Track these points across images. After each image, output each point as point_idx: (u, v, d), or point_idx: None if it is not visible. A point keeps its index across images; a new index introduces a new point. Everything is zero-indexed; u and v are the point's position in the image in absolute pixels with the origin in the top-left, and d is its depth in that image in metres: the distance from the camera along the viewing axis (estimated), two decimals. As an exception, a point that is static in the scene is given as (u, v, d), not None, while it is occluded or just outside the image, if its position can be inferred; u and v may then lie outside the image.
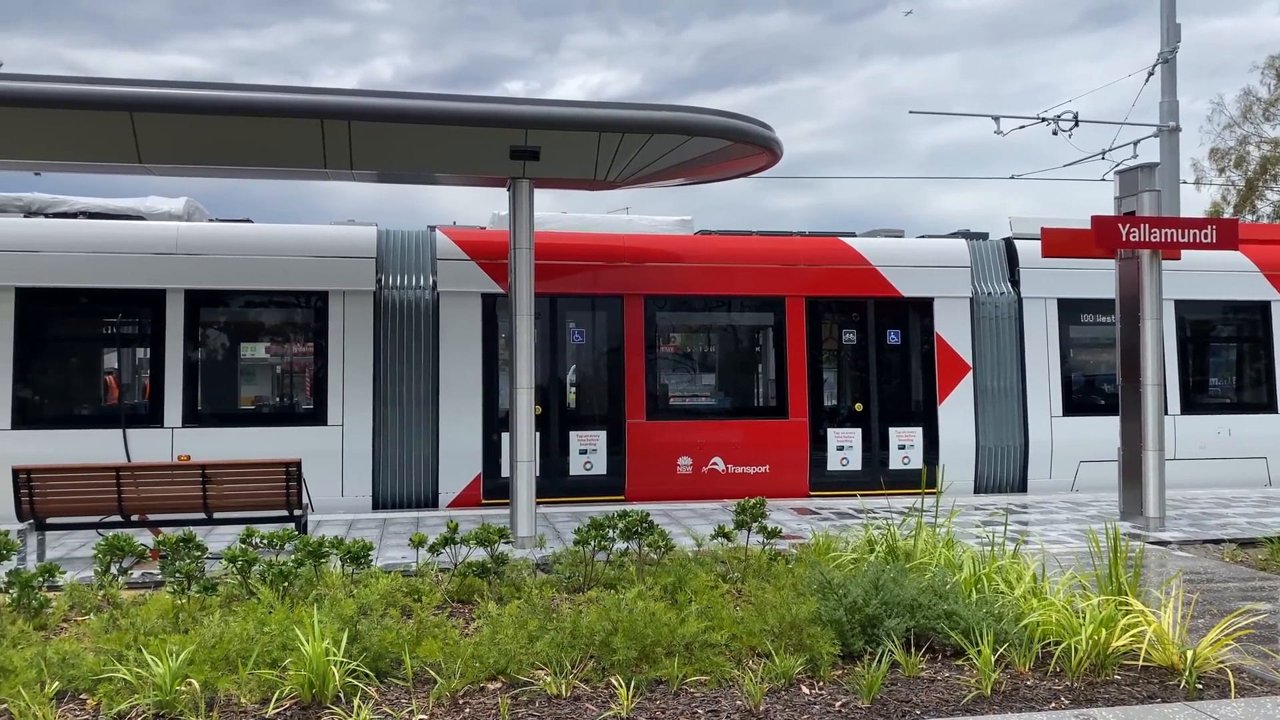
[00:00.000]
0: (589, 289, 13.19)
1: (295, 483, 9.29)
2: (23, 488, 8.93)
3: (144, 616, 6.26)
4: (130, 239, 12.20)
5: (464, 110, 9.56)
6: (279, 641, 5.75)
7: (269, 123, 9.44)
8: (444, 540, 7.68)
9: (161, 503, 9.24)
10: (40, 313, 12.03)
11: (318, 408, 12.55)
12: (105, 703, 5.30)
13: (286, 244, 12.57)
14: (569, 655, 5.87)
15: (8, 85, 9.00)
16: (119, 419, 12.06)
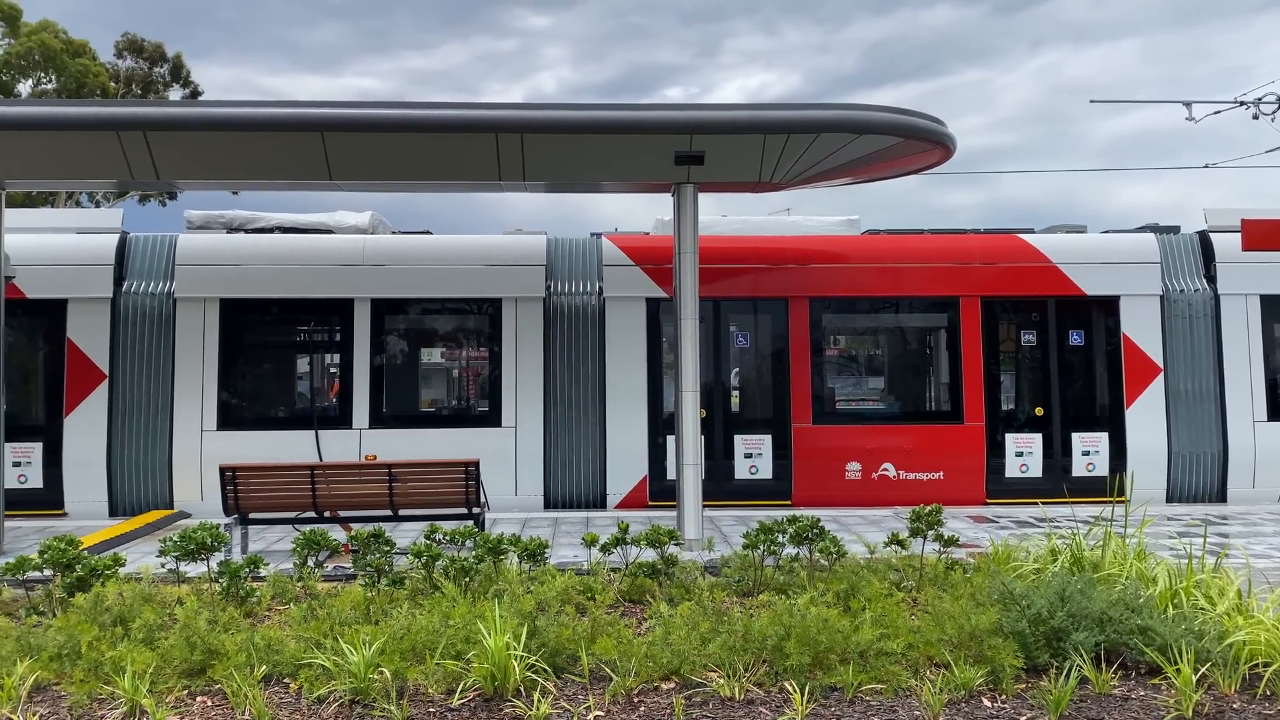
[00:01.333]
0: (753, 292, 13.15)
1: (474, 482, 9.65)
2: (229, 485, 9.63)
3: (338, 607, 6.63)
4: (321, 252, 12.97)
5: (631, 118, 9.73)
6: (462, 634, 5.99)
7: (447, 138, 9.86)
8: (615, 540, 7.82)
9: (352, 500, 9.77)
10: (241, 322, 12.94)
11: (492, 410, 13.00)
12: (306, 687, 5.66)
13: (463, 254, 13.09)
14: (741, 658, 5.88)
15: (213, 112, 9.77)
16: (312, 420, 12.83)
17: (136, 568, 7.67)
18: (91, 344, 12.60)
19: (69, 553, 7.11)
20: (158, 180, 10.31)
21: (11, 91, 36.99)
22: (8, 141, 9.72)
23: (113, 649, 5.93)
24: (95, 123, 9.68)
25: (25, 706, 5.53)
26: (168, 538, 7.43)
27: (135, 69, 41.36)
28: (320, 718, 5.39)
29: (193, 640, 5.97)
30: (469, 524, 8.75)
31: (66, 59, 37.15)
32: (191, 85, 42.80)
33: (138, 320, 12.76)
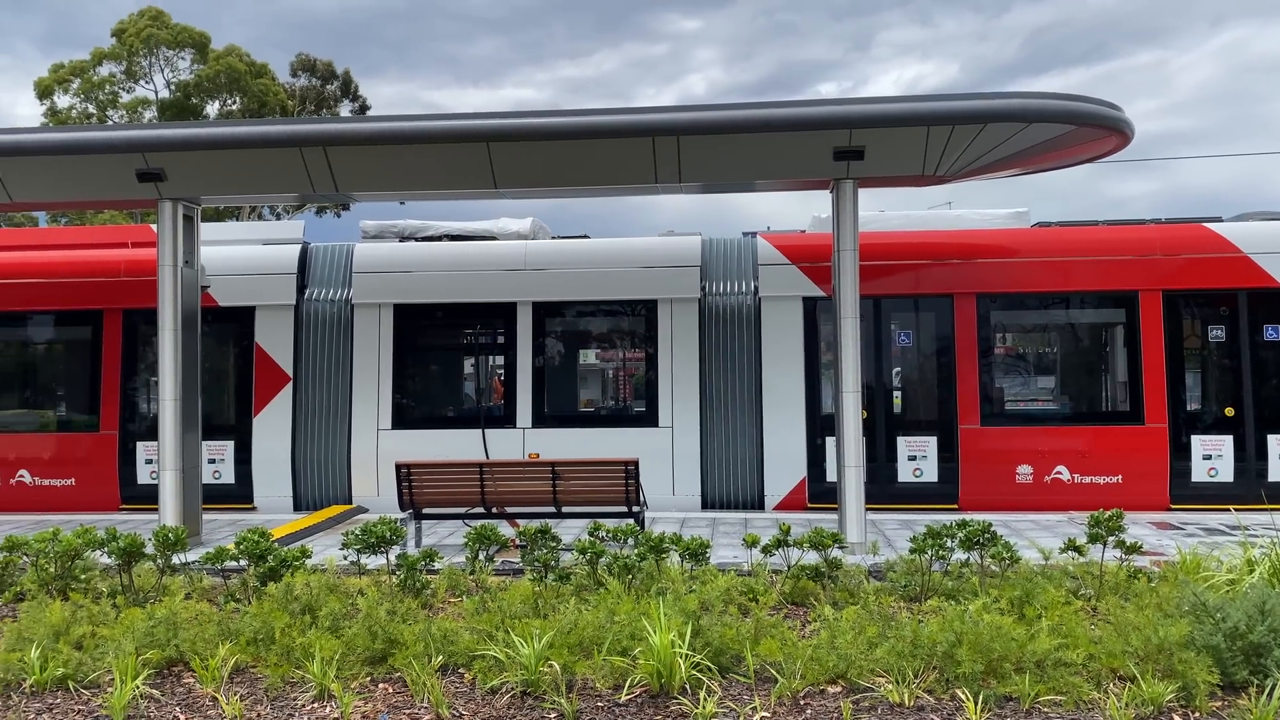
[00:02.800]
0: (915, 289, 12.81)
1: (634, 480, 9.77)
2: (404, 481, 10.07)
3: (508, 600, 6.84)
4: (486, 257, 13.41)
5: (788, 115, 9.64)
6: (628, 631, 6.08)
7: (606, 143, 10.03)
8: (776, 542, 7.77)
9: (518, 496, 10.06)
10: (413, 326, 13.52)
11: (649, 410, 13.12)
12: (480, 678, 5.87)
13: (619, 256, 13.27)
14: (910, 664, 5.74)
15: (387, 126, 10.23)
16: (478, 419, 13.28)
17: (321, 559, 8.12)
18: (277, 348, 13.42)
19: (261, 544, 7.59)
20: (336, 192, 10.87)
21: (201, 113, 39.83)
22: (203, 160, 10.47)
23: (302, 636, 6.30)
24: (280, 140, 10.31)
25: (227, 687, 5.94)
26: (349, 531, 7.84)
27: (309, 87, 43.82)
28: (494, 708, 5.57)
29: (374, 629, 6.28)
30: (629, 522, 8.88)
31: (249, 80, 39.71)
32: (360, 100, 45.05)
33: (319, 325, 13.51)
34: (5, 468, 13.44)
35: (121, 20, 39.36)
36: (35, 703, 5.80)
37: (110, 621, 6.69)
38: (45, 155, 10.45)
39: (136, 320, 13.49)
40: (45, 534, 7.87)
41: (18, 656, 6.09)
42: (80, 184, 10.93)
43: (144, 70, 39.67)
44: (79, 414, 13.68)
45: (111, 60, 39.17)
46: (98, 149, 10.40)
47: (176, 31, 39.30)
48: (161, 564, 7.79)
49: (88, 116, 38.83)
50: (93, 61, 39.10)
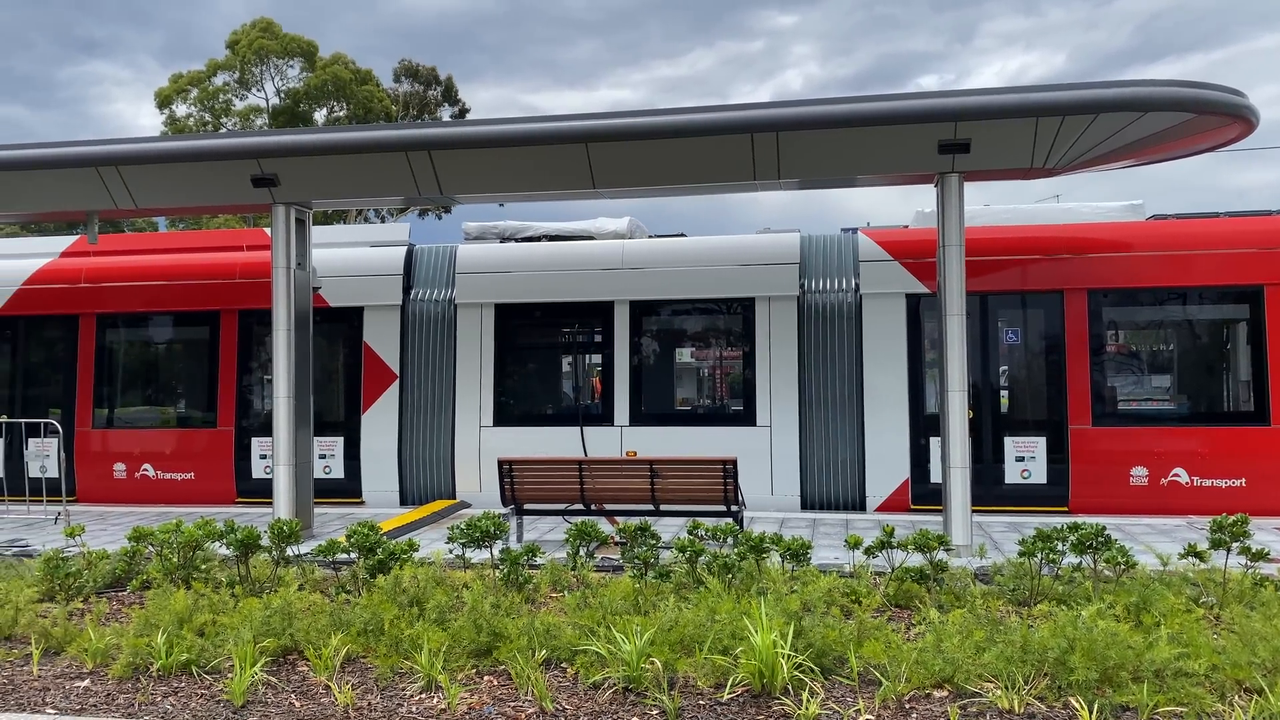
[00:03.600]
0: (1023, 285, 12.44)
1: (732, 480, 9.74)
2: (506, 477, 10.24)
3: (609, 597, 6.89)
4: (584, 257, 13.53)
5: (891, 109, 9.48)
6: (729, 630, 6.06)
7: (704, 141, 10.01)
8: (880, 543, 7.65)
9: (616, 494, 10.13)
10: (513, 325, 13.73)
11: (746, 409, 13.05)
12: (583, 673, 5.93)
13: (716, 254, 13.23)
14: (1020, 670, 5.59)
15: (489, 129, 10.43)
16: (577, 417, 13.41)
17: (428, 552, 8.31)
18: (384, 347, 13.79)
19: (371, 537, 7.81)
20: (440, 194, 11.11)
21: (309, 119, 41.17)
22: (314, 165, 10.81)
23: (410, 627, 6.46)
24: (387, 144, 10.58)
25: (339, 675, 6.13)
26: (455, 525, 8.00)
27: (412, 93, 44.89)
28: (596, 703, 5.62)
29: (479, 623, 6.40)
30: (728, 521, 8.85)
31: (354, 87, 40.90)
32: (460, 104, 45.97)
33: (423, 325, 13.83)
34: (130, 462, 14.12)
35: (235, 31, 40.96)
36: (162, 686, 6.08)
37: (229, 610, 6.96)
38: (168, 163, 10.94)
39: (251, 320, 14.02)
40: (168, 526, 8.24)
41: (145, 642, 6.39)
42: (199, 190, 11.40)
43: (255, 79, 41.22)
44: (197, 411, 14.29)
45: (225, 70, 40.79)
46: (216, 156, 10.85)
47: (286, 41, 40.71)
48: (276, 556, 8.07)
49: (204, 125, 40.52)
50: (208, 72, 40.78)
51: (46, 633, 6.81)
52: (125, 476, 14.09)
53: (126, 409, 14.53)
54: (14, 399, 14.64)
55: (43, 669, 6.43)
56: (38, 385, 14.71)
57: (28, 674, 6.35)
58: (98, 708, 5.77)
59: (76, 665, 6.47)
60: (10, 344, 14.74)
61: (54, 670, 6.42)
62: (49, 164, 11.05)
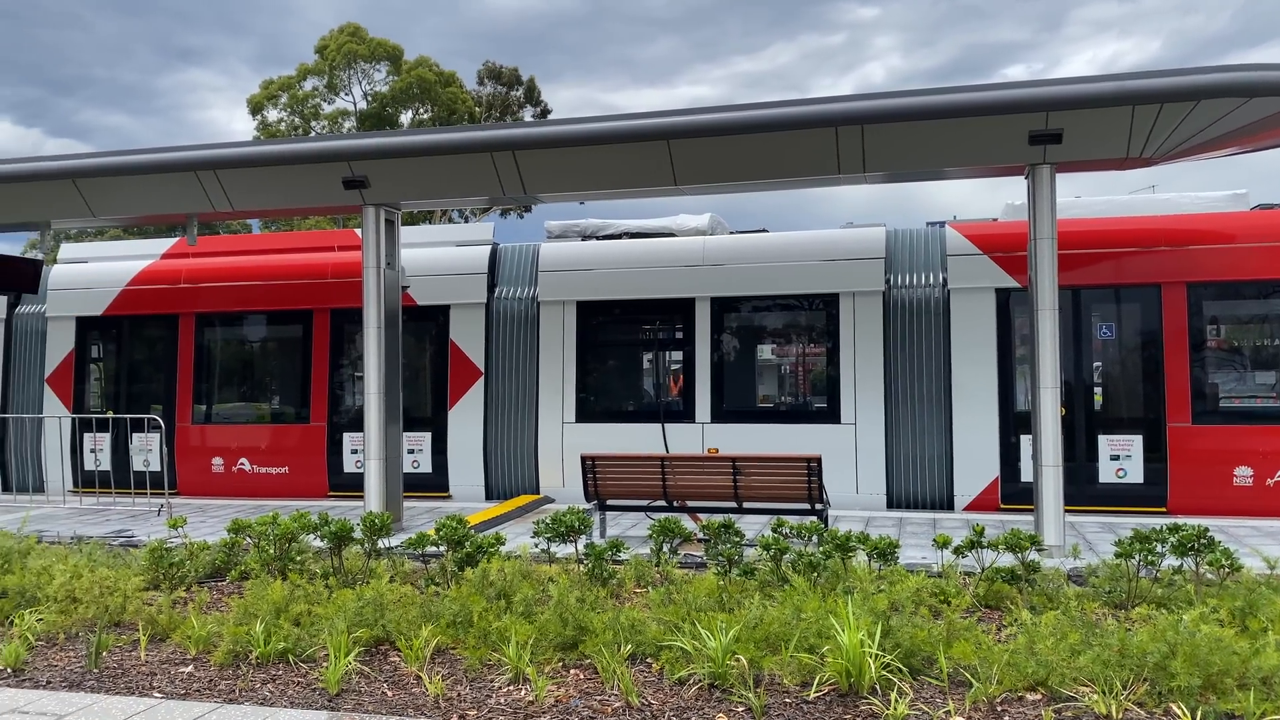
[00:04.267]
0: (1117, 279, 12.06)
1: (816, 478, 9.66)
2: (589, 473, 10.32)
3: (694, 593, 6.89)
4: (664, 254, 13.55)
5: (980, 100, 9.29)
6: (815, 629, 6.02)
7: (787, 135, 9.94)
8: (969, 543, 7.50)
9: (698, 491, 10.12)
10: (594, 322, 13.82)
11: (830, 406, 12.92)
12: (668, 668, 5.94)
13: (799, 250, 13.12)
14: (1118, 674, 5.43)
15: (572, 129, 10.50)
16: (658, 414, 13.44)
17: (514, 546, 8.42)
18: (470, 344, 14.01)
19: (459, 531, 7.95)
20: (523, 194, 11.24)
21: (395, 122, 42.02)
22: (403, 166, 11.04)
23: (498, 620, 6.56)
24: (473, 145, 10.75)
25: (429, 666, 6.26)
26: (540, 520, 8.09)
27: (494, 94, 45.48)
28: (681, 699, 5.63)
29: (565, 616, 6.46)
30: (812, 520, 8.77)
31: (439, 89, 41.61)
32: (541, 104, 46.41)
33: (507, 322, 14.01)
34: (227, 456, 14.61)
35: (323, 37, 42.03)
36: (260, 673, 6.28)
37: (323, 601, 7.16)
38: (263, 166, 11.29)
39: (342, 319, 14.38)
40: (265, 518, 8.50)
41: (244, 630, 6.61)
42: (292, 192, 11.73)
43: (343, 83, 42.22)
44: (291, 407, 14.71)
45: (315, 75, 41.87)
46: (308, 159, 11.15)
47: (373, 45, 41.61)
48: (368, 548, 8.27)
49: (294, 129, 41.67)
50: (298, 77, 41.91)
51: (153, 620, 7.09)
52: (223, 470, 14.58)
53: (224, 405, 15.03)
54: (119, 395, 15.27)
55: (149, 654, 6.70)
56: (141, 382, 15.32)
57: (135, 659, 6.62)
58: (201, 693, 5.99)
59: (180, 652, 6.73)
60: (115, 343, 15.38)
61: (160, 656, 6.68)
62: (151, 169, 11.49)
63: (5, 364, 15.77)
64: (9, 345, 15.79)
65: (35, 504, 13.55)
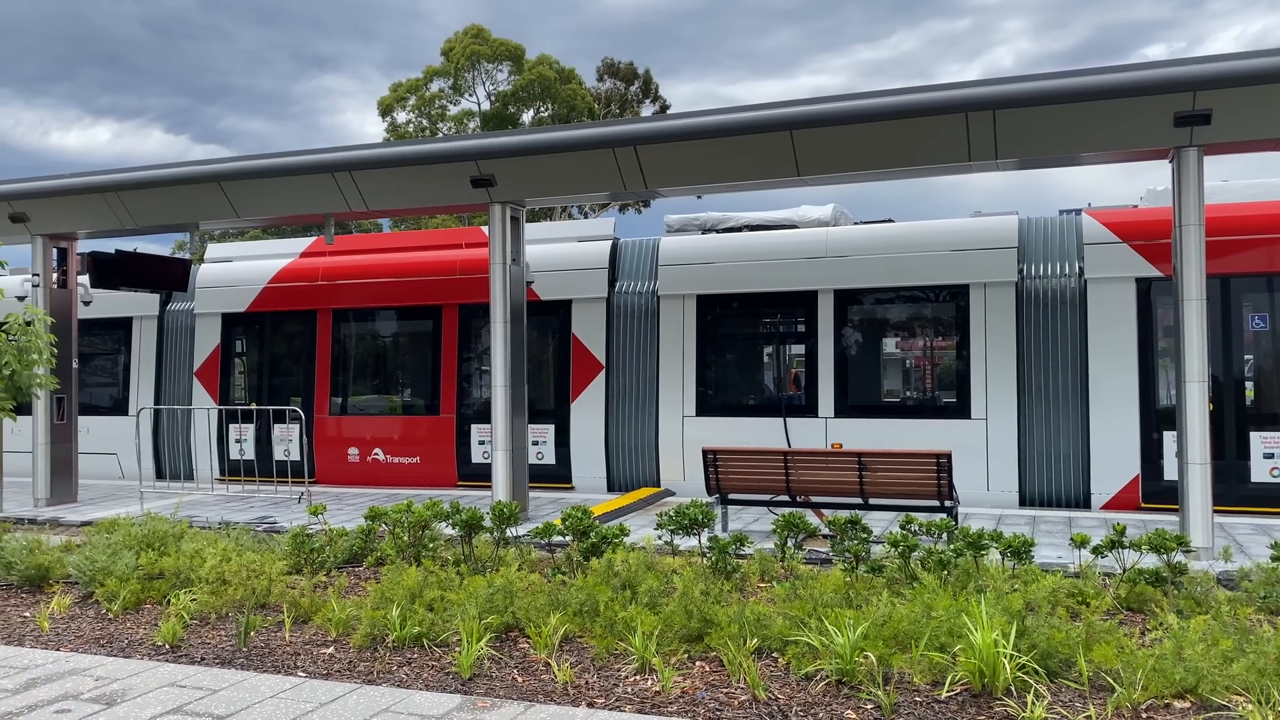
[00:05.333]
0: (1271, 266, 11.36)
1: (946, 474, 9.42)
2: (710, 466, 10.31)
3: (820, 589, 6.82)
4: (786, 246, 13.42)
5: (1121, 81, 8.90)
6: (946, 628, 5.88)
7: (915, 123, 9.72)
8: (1109, 543, 7.21)
9: (822, 486, 10.00)
10: (714, 316, 13.80)
11: (960, 401, 12.58)
12: (794, 663, 5.90)
13: (926, 240, 12.81)
14: (1275, 684, 5.13)
15: (694, 122, 10.50)
16: (779, 408, 13.34)
17: (638, 538, 8.50)
18: (591, 338, 14.18)
19: (584, 521, 8.06)
20: (645, 189, 11.30)
21: (517, 121, 42.81)
22: (528, 164, 11.24)
23: (623, 610, 6.62)
24: (596, 142, 10.87)
25: (558, 654, 6.37)
26: (663, 512, 8.14)
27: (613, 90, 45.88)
28: (809, 694, 5.58)
29: (690, 609, 6.48)
30: (942, 517, 8.56)
31: (558, 87, 42.19)
32: (659, 100, 46.57)
33: (628, 316, 14.13)
34: (362, 446, 15.17)
35: (449, 39, 43.13)
36: (397, 656, 6.50)
37: (455, 587, 7.36)
38: (396, 167, 11.67)
39: (470, 314, 14.75)
40: (400, 506, 8.80)
41: (381, 615, 6.86)
42: (423, 191, 12.07)
43: (468, 84, 43.23)
44: (422, 399, 15.17)
45: (440, 77, 43.01)
46: (439, 159, 11.48)
47: (496, 46, 42.48)
48: (497, 536, 8.47)
49: (421, 130, 42.90)
50: (425, 79, 43.13)
51: (296, 603, 7.42)
52: (358, 460, 15.15)
53: (358, 398, 15.61)
54: (261, 388, 16.02)
55: (293, 635, 7.01)
56: (281, 375, 16.04)
57: (281, 639, 6.94)
58: (342, 674, 6.24)
59: (321, 634, 7.02)
60: (258, 338, 16.14)
61: (303, 637, 6.99)
62: (291, 171, 12.01)
63: (158, 358, 16.74)
64: (161, 341, 16.75)
65: (186, 490, 14.35)
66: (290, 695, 5.82)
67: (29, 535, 9.53)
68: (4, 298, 10.49)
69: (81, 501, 13.86)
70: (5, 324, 10.38)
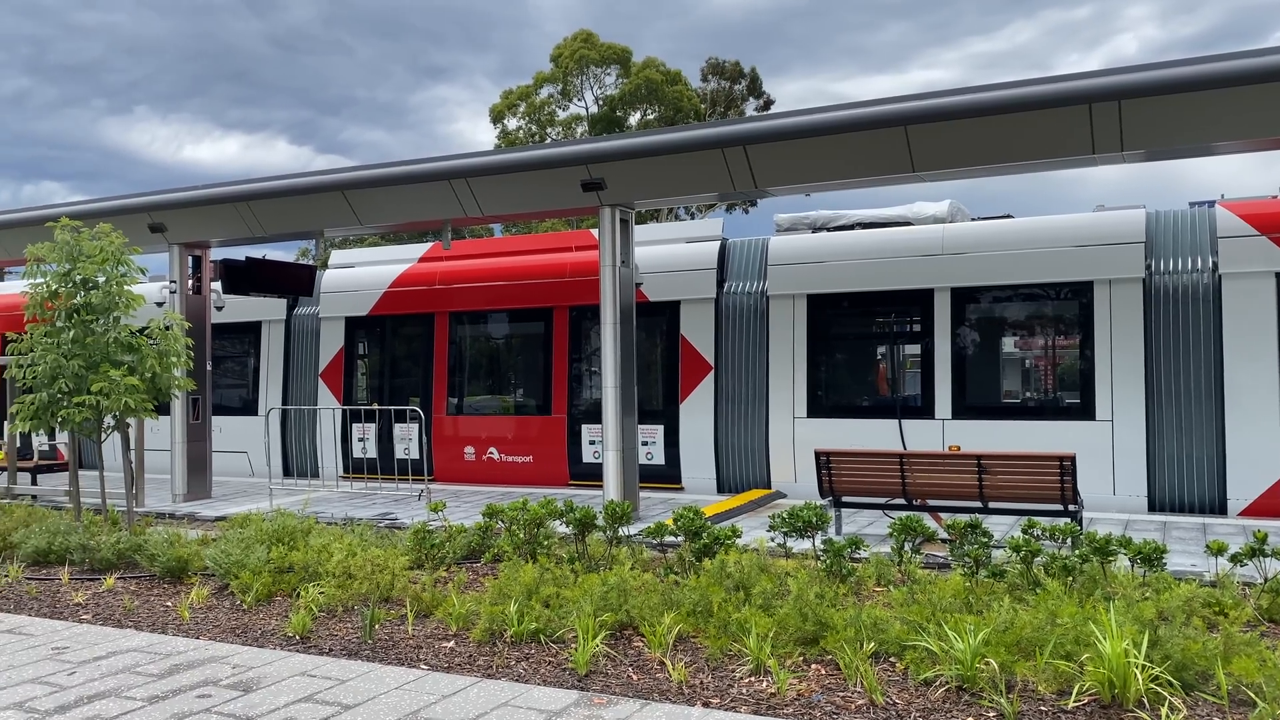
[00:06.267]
0: None
1: (1070, 477, 9.11)
2: (823, 468, 10.20)
3: (938, 594, 6.68)
4: (900, 244, 13.17)
5: (1260, 66, 8.46)
6: (1072, 636, 5.70)
7: (1036, 115, 9.43)
8: (1250, 550, 6.86)
9: (939, 489, 9.79)
10: (826, 315, 13.63)
11: (1083, 402, 12.14)
12: (912, 668, 5.80)
13: (1047, 236, 12.40)
14: None
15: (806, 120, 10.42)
16: (894, 409, 13.10)
17: (750, 539, 8.47)
18: (700, 339, 14.19)
19: (696, 522, 8.08)
20: (754, 189, 11.25)
21: (624, 124, 43.10)
22: (638, 167, 11.32)
23: (736, 611, 6.62)
24: (706, 142, 10.89)
25: (672, 653, 6.41)
26: (776, 514, 8.10)
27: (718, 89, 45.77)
28: (928, 700, 5.48)
29: (804, 611, 6.43)
30: (1066, 521, 8.29)
31: (665, 89, 42.32)
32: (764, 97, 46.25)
33: (737, 317, 14.09)
34: (478, 445, 15.51)
35: (558, 45, 43.72)
36: (514, 651, 6.64)
37: (570, 584, 7.47)
38: (511, 173, 11.92)
39: (580, 315, 14.93)
40: (516, 504, 8.97)
41: (499, 610, 7.01)
42: (535, 196, 12.29)
43: (576, 89, 43.74)
44: (534, 399, 15.43)
45: (550, 83, 43.65)
46: (552, 164, 11.67)
47: (603, 50, 42.87)
48: (610, 535, 8.56)
49: (531, 136, 43.61)
50: (534, 86, 43.82)
51: (417, 597, 7.64)
52: (474, 459, 15.50)
53: (473, 398, 15.97)
54: (381, 389, 16.55)
55: (415, 629, 7.23)
56: (400, 376, 16.53)
57: (404, 632, 7.16)
58: (462, 667, 6.40)
59: (443, 628, 7.22)
60: (379, 340, 16.68)
61: (424, 630, 7.19)
62: (411, 179, 12.38)
63: (285, 360, 17.45)
64: (288, 343, 17.46)
65: (312, 487, 14.92)
66: (413, 687, 6.00)
67: (169, 529, 10.07)
68: (144, 304, 11.05)
69: (215, 497, 14.55)
70: (147, 329, 10.97)
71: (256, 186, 13.59)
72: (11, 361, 10.75)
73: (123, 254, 10.78)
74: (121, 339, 10.44)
